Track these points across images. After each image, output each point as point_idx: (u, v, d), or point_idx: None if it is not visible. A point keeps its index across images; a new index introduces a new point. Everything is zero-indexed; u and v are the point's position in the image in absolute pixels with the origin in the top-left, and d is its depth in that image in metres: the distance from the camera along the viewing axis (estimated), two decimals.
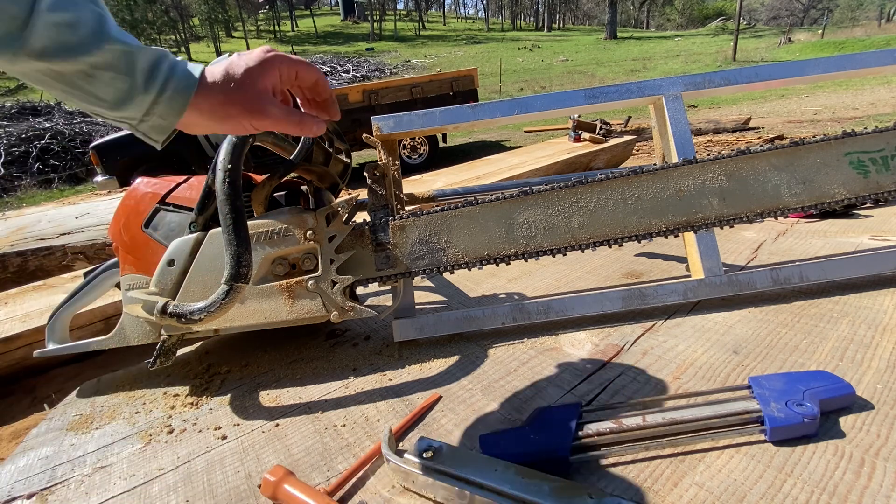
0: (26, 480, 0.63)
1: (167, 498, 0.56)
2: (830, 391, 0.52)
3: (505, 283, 1.07)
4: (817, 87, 9.03)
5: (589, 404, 0.61)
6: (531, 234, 0.77)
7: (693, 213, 0.77)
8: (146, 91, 0.40)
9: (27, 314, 1.37)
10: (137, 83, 0.40)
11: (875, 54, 0.86)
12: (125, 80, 0.40)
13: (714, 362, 0.66)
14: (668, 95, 0.88)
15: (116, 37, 0.39)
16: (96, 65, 0.38)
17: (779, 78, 0.88)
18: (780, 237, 1.11)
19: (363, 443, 0.60)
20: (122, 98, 0.40)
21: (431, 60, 23.78)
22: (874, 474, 0.45)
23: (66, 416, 0.78)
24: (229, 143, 0.64)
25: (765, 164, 0.76)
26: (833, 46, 18.40)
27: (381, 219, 0.78)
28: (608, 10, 27.85)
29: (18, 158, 8.48)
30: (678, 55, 19.52)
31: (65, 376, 1.33)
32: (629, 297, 0.82)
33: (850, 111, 6.43)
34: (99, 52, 0.38)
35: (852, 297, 0.78)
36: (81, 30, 0.37)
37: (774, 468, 0.47)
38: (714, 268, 0.82)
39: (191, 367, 0.88)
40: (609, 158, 3.22)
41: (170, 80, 0.41)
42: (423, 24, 40.89)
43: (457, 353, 0.79)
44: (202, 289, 0.74)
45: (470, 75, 6.50)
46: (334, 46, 29.26)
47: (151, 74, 0.41)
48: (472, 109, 0.92)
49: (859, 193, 0.77)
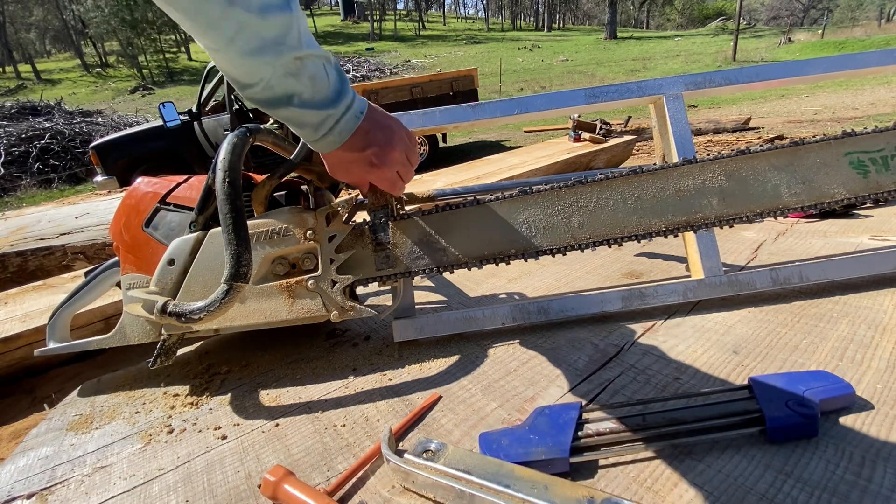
0: (26, 480, 0.63)
1: (167, 498, 0.56)
2: (830, 391, 0.52)
3: (505, 283, 1.07)
4: (817, 87, 9.02)
5: (589, 404, 0.61)
6: (531, 234, 0.77)
7: (693, 213, 0.77)
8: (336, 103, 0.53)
9: (27, 314, 1.37)
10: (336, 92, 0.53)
11: (875, 54, 0.86)
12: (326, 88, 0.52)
13: (714, 362, 0.66)
14: (668, 95, 0.88)
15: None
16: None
17: (779, 78, 0.88)
18: (780, 237, 1.11)
19: (363, 443, 0.60)
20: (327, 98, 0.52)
21: (431, 60, 23.76)
22: (874, 474, 0.45)
23: (66, 416, 0.78)
24: (229, 144, 0.63)
25: (765, 164, 0.76)
26: (833, 46, 18.39)
27: (380, 218, 0.78)
28: (608, 10, 27.84)
29: (18, 158, 8.47)
30: (678, 55, 19.51)
31: (65, 376, 1.33)
32: (629, 297, 0.82)
33: (850, 111, 6.42)
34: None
35: (852, 297, 0.78)
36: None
37: (774, 468, 0.47)
38: (714, 268, 0.82)
39: (191, 366, 0.88)
40: (609, 158, 3.22)
41: (354, 99, 0.55)
42: (423, 24, 40.87)
43: (457, 353, 0.79)
44: (202, 288, 0.74)
45: (470, 75, 6.50)
46: (334, 46, 29.24)
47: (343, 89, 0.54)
48: (472, 109, 0.92)
49: (859, 193, 0.77)
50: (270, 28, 0.44)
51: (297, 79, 0.48)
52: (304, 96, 0.50)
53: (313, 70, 0.49)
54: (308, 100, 0.50)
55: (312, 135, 0.54)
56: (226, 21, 0.42)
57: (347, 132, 0.55)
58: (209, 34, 0.43)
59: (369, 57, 24.55)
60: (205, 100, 4.70)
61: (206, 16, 0.41)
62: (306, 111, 0.51)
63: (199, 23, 0.42)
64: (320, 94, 0.51)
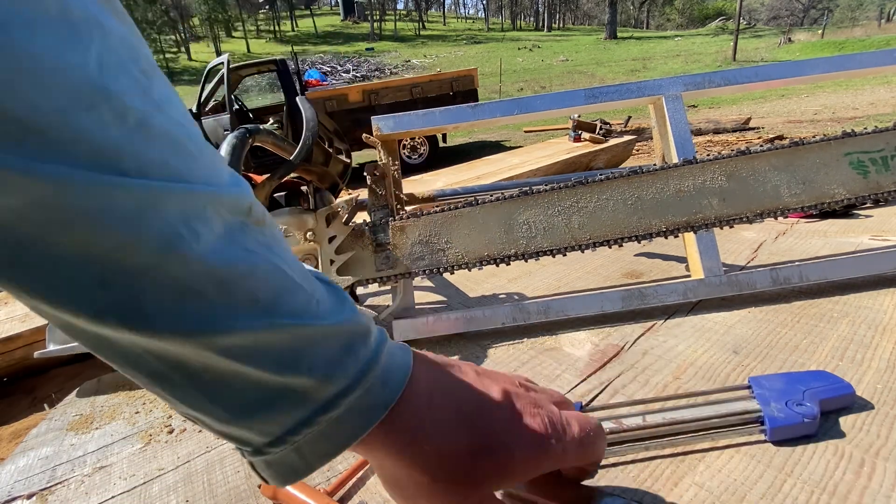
0: (26, 480, 0.63)
1: (167, 498, 0.56)
2: (830, 391, 0.52)
3: (505, 283, 1.07)
4: (817, 87, 9.02)
5: (589, 404, 0.61)
6: (531, 235, 0.77)
7: (693, 213, 0.77)
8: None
9: (27, 314, 1.37)
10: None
11: (875, 54, 0.86)
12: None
13: (714, 362, 0.66)
14: (668, 95, 0.88)
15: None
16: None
17: (779, 78, 0.88)
18: (780, 237, 1.11)
19: None
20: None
21: (431, 60, 23.77)
22: (874, 474, 0.45)
23: (66, 416, 0.78)
24: (229, 144, 0.64)
25: (765, 165, 0.76)
26: (833, 46, 18.39)
27: (381, 219, 0.78)
28: (608, 10, 27.86)
29: None
30: (678, 55, 19.52)
31: (65, 376, 1.33)
32: (629, 297, 0.82)
33: (850, 111, 6.43)
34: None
35: (852, 297, 0.78)
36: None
37: (774, 468, 0.47)
38: (714, 268, 0.82)
39: None
40: (609, 158, 3.22)
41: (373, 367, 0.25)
42: (423, 24, 40.88)
43: (457, 353, 0.79)
44: None
45: (470, 75, 6.51)
46: (334, 46, 29.25)
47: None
48: (472, 109, 0.92)
49: (859, 193, 0.77)
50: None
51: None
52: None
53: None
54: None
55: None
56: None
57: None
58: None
59: (369, 57, 24.56)
60: (205, 100, 4.71)
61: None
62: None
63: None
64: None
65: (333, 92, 6.09)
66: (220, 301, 0.20)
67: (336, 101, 5.78)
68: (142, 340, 0.20)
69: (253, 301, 0.21)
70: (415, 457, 0.25)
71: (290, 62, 5.92)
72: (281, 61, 5.82)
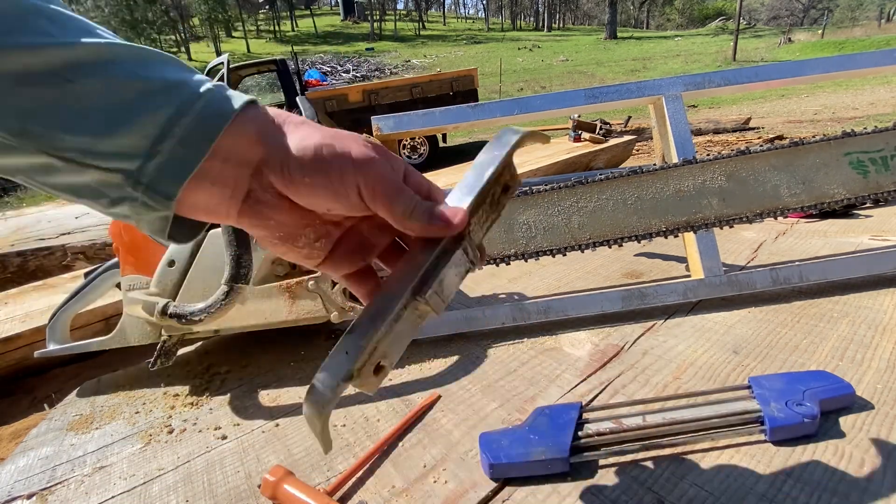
0: (26, 480, 0.63)
1: (167, 498, 0.56)
2: (830, 391, 0.52)
3: (505, 283, 1.07)
4: (817, 87, 9.02)
5: (589, 404, 0.61)
6: (531, 235, 0.77)
7: (693, 213, 0.77)
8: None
9: (27, 314, 1.37)
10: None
11: (875, 54, 0.86)
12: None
13: (714, 362, 0.66)
14: (667, 95, 0.88)
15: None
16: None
17: (779, 78, 0.88)
18: (780, 237, 1.11)
19: (363, 443, 0.60)
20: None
21: (431, 60, 23.78)
22: (874, 474, 0.45)
23: (66, 416, 0.78)
24: None
25: (764, 165, 0.76)
26: (833, 46, 18.40)
27: None
28: (608, 10, 27.87)
29: None
30: (678, 55, 19.52)
31: (65, 376, 1.33)
32: (629, 297, 0.82)
33: (850, 111, 6.42)
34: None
35: (852, 297, 0.78)
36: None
37: (774, 468, 0.47)
38: (714, 268, 0.82)
39: (191, 367, 0.88)
40: (609, 158, 3.21)
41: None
42: (423, 24, 40.90)
43: (457, 352, 0.79)
44: (202, 289, 0.74)
45: (470, 75, 6.50)
46: (334, 46, 29.27)
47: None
48: (472, 109, 0.92)
49: (859, 193, 0.77)
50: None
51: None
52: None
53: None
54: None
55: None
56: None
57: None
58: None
59: (369, 57, 24.58)
60: None
61: None
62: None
63: None
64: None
65: (333, 92, 6.09)
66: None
67: (336, 101, 5.79)
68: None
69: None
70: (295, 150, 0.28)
71: (290, 62, 5.92)
72: (281, 61, 5.83)
